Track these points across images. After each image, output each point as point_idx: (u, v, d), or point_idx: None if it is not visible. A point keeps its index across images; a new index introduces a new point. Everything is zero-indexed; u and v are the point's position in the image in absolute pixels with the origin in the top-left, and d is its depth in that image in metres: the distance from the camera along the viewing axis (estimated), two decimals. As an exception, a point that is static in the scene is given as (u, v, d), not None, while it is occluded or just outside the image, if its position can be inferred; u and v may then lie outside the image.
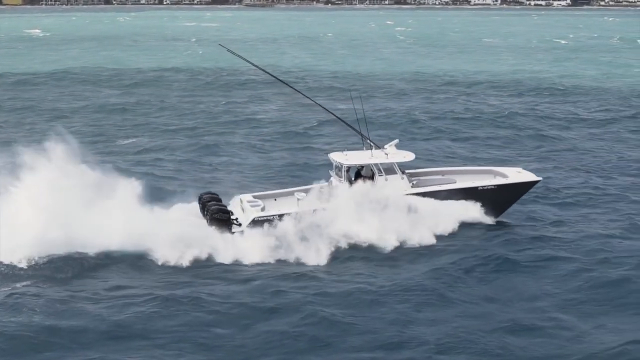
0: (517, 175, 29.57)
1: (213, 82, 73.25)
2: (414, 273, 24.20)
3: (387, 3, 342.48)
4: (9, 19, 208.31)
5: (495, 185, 28.68)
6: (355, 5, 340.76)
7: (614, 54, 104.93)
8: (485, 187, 28.50)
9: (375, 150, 28.75)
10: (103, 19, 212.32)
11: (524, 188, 29.45)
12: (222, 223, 26.64)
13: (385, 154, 28.56)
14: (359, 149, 29.54)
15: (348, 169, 28.38)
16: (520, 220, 29.60)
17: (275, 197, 29.11)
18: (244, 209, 27.76)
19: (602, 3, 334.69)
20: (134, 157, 40.42)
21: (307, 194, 28.20)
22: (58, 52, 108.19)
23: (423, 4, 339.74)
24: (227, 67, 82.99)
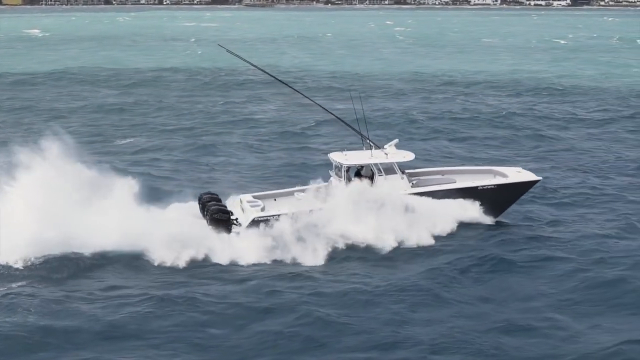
0: (517, 175, 29.56)
1: (211, 82, 73.22)
2: (410, 273, 24.18)
3: (387, 3, 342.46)
4: (9, 19, 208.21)
5: (495, 185, 28.66)
6: (355, 6, 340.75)
7: (613, 54, 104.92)
8: (485, 186, 28.49)
9: (375, 150, 28.72)
10: (103, 19, 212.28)
11: (524, 188, 29.43)
12: (222, 223, 26.61)
13: (385, 154, 28.53)
14: (357, 149, 29.49)
15: (348, 169, 28.36)
16: (517, 220, 29.59)
17: (275, 197, 29.08)
18: (244, 209, 27.72)
19: (602, 3, 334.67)
20: (131, 157, 40.39)
21: (306, 194, 28.15)
22: (57, 52, 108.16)
23: (423, 4, 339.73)
24: (225, 67, 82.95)
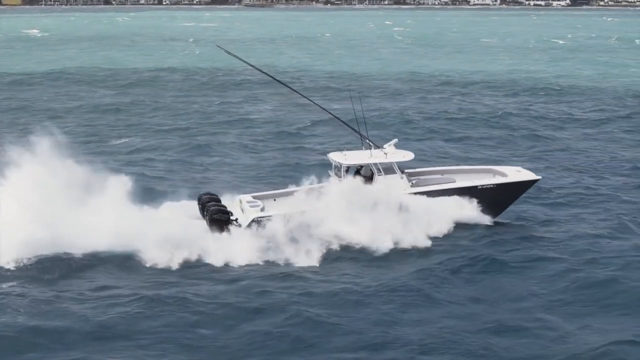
0: (516, 174, 29.56)
1: (209, 82, 73.18)
2: (401, 273, 24.14)
3: (386, 3, 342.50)
4: (8, 19, 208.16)
5: (495, 185, 28.64)
6: (355, 6, 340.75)
7: (611, 54, 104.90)
8: (485, 186, 28.47)
9: (375, 150, 28.69)
10: (102, 19, 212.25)
11: (524, 187, 29.41)
12: (221, 224, 26.57)
13: (385, 154, 28.51)
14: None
15: (347, 169, 28.34)
16: (511, 220, 29.52)
17: (275, 197, 29.04)
18: (244, 210, 27.67)
19: (601, 3, 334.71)
20: (126, 157, 40.35)
21: (305, 194, 28.11)
22: (55, 52, 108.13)
23: (422, 4, 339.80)
24: (223, 67, 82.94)
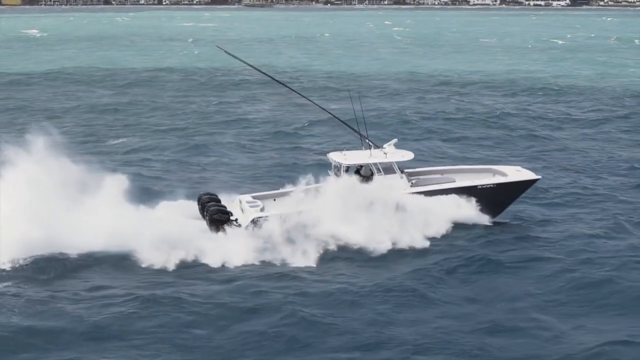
0: (516, 174, 29.56)
1: (207, 82, 73.15)
2: (397, 273, 24.11)
3: (386, 3, 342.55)
4: (7, 19, 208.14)
5: (495, 184, 28.64)
6: (355, 6, 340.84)
7: (610, 54, 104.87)
8: (485, 185, 28.47)
9: (374, 150, 28.67)
10: (101, 19, 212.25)
11: (524, 186, 29.39)
12: (221, 224, 26.54)
13: (384, 154, 28.51)
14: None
15: (347, 169, 28.32)
16: (508, 220, 29.49)
17: (275, 197, 29.02)
18: (244, 210, 27.67)
19: (601, 3, 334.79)
20: (123, 157, 40.33)
21: (305, 194, 28.07)
22: (54, 52, 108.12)
23: (422, 4, 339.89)
24: (221, 67, 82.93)
